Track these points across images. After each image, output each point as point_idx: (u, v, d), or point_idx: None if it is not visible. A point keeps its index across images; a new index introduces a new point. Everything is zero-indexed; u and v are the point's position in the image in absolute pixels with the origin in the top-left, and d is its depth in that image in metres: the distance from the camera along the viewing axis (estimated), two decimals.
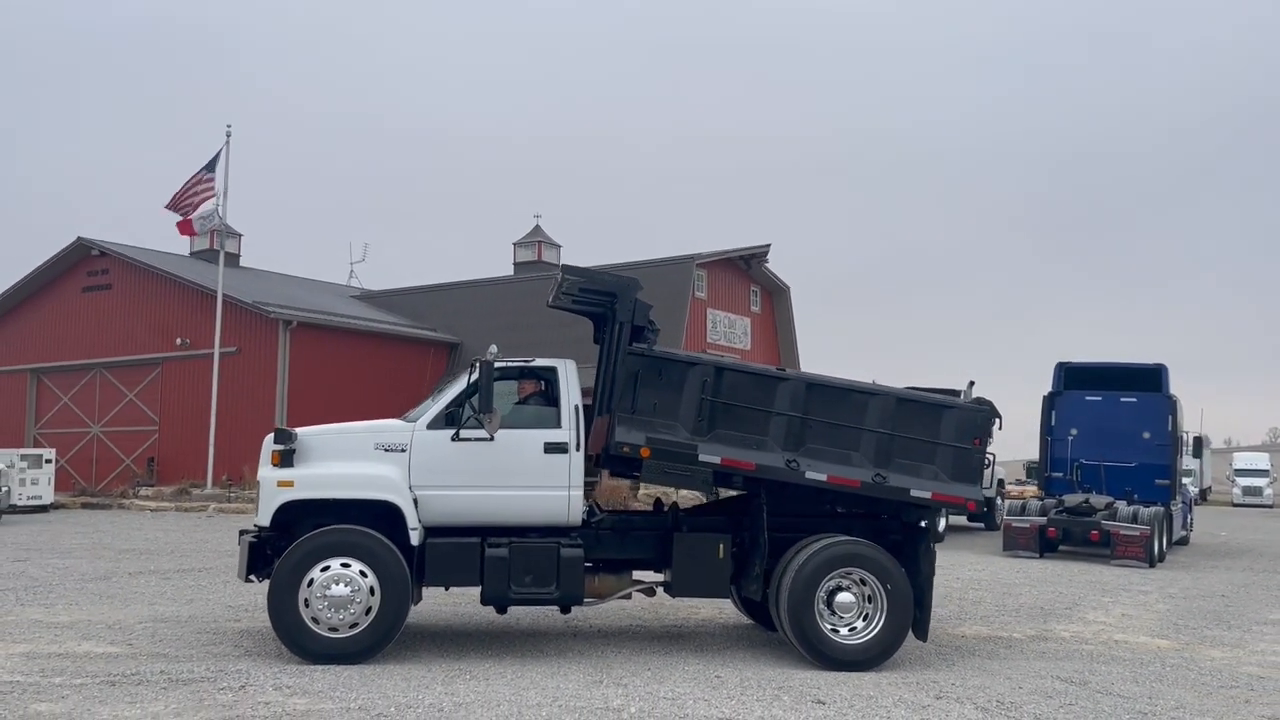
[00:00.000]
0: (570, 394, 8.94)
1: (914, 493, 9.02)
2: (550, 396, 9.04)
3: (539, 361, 9.18)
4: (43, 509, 26.28)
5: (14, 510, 24.64)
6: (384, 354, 33.68)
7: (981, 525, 24.83)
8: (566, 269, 9.22)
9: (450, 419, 8.71)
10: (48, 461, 26.84)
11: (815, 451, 8.97)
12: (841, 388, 9.38)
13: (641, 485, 29.14)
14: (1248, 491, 52.20)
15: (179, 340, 32.95)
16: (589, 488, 9.37)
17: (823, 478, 8.91)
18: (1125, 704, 7.66)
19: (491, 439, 8.56)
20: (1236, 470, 55.31)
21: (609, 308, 9.10)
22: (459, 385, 8.86)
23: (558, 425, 8.83)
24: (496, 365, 8.83)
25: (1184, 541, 22.86)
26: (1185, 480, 47.40)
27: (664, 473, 8.87)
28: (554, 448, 8.74)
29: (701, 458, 8.79)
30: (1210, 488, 57.71)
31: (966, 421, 9.27)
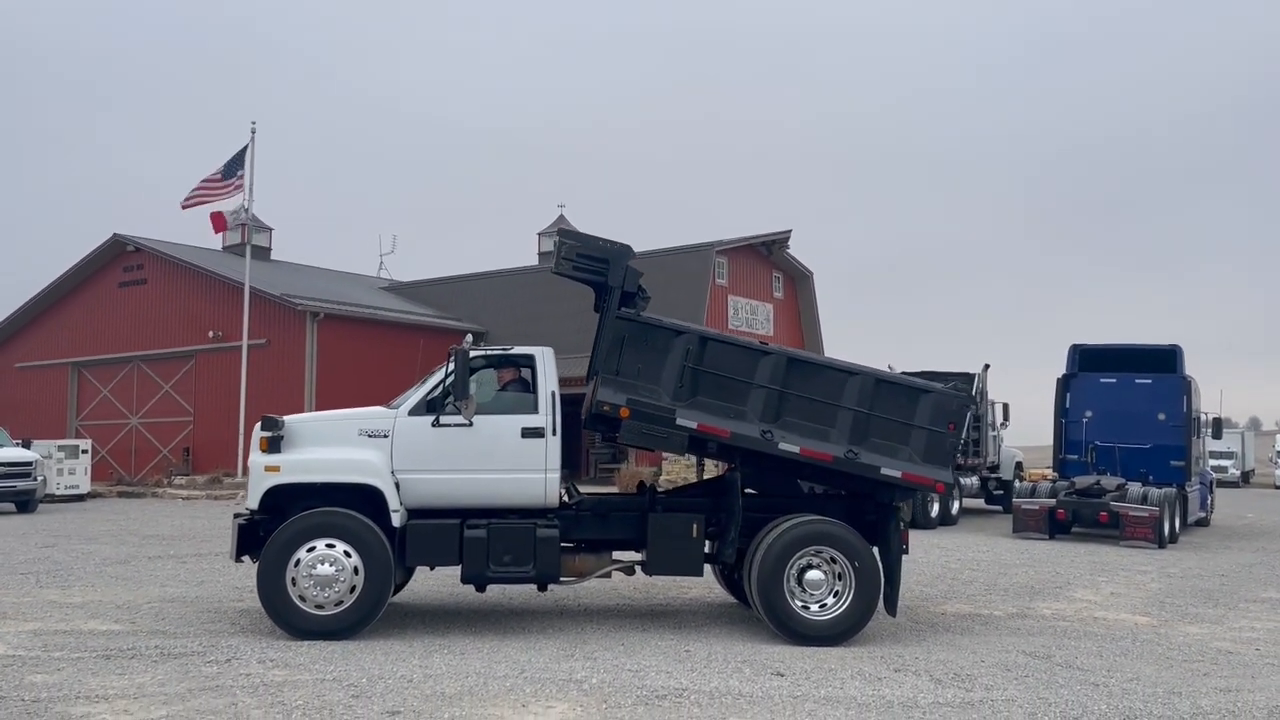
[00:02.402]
0: (547, 381, 9.24)
1: (884, 471, 9.23)
2: (528, 383, 9.35)
3: (517, 350, 9.51)
4: (79, 498, 27.17)
5: (51, 499, 25.53)
6: (410, 343, 34.21)
7: (1000, 508, 24.83)
8: (563, 233, 9.46)
9: (431, 406, 9.05)
10: (84, 452, 27.71)
11: (791, 425, 9.21)
12: (821, 365, 9.65)
13: (663, 472, 29.45)
14: None
15: (212, 333, 33.77)
16: (611, 473, 9.70)
17: (796, 450, 9.14)
18: (1081, 676, 7.84)
19: (469, 424, 8.89)
20: (1279, 452, 54.44)
21: (603, 274, 9.33)
22: (439, 374, 9.20)
23: (535, 411, 9.15)
24: (476, 354, 9.20)
25: (1203, 523, 22.74)
26: (1225, 462, 47.12)
27: (641, 434, 9.13)
28: (531, 432, 9.06)
29: (679, 421, 9.06)
30: (1253, 470, 56.90)
31: (942, 406, 9.46)
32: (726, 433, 9.11)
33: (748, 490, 9.63)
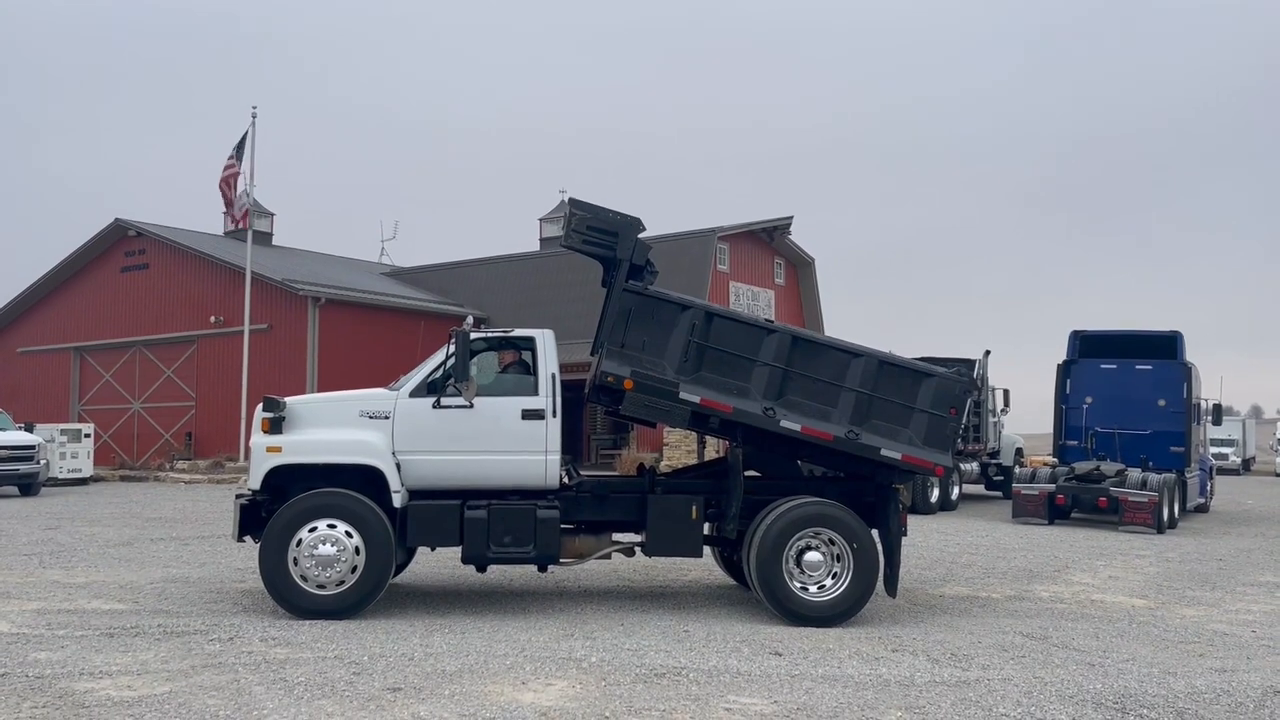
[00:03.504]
0: (547, 363, 9.27)
1: (884, 452, 9.26)
2: (529, 366, 9.39)
3: (517, 332, 9.54)
4: (82, 481, 27.26)
5: (54, 483, 25.62)
6: (411, 328, 34.22)
7: (999, 493, 24.89)
8: (574, 203, 9.34)
9: (431, 387, 9.09)
10: (86, 436, 27.78)
11: (793, 403, 9.24)
12: (825, 345, 9.65)
13: (664, 457, 29.51)
14: None
15: (213, 318, 33.78)
16: (612, 458, 9.69)
17: (797, 428, 9.17)
18: (1077, 656, 7.89)
19: (470, 406, 8.93)
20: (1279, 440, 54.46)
21: (612, 247, 9.27)
22: (440, 355, 9.24)
23: (535, 393, 9.18)
24: (476, 336, 9.24)
25: (1203, 509, 22.79)
26: (1225, 450, 47.11)
27: (644, 406, 9.13)
28: (531, 414, 9.09)
29: (682, 395, 9.07)
30: (1254, 458, 56.93)
31: (945, 390, 9.47)
32: (729, 408, 9.14)
33: (748, 472, 9.66)
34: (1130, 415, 20.53)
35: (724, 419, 9.27)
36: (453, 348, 8.90)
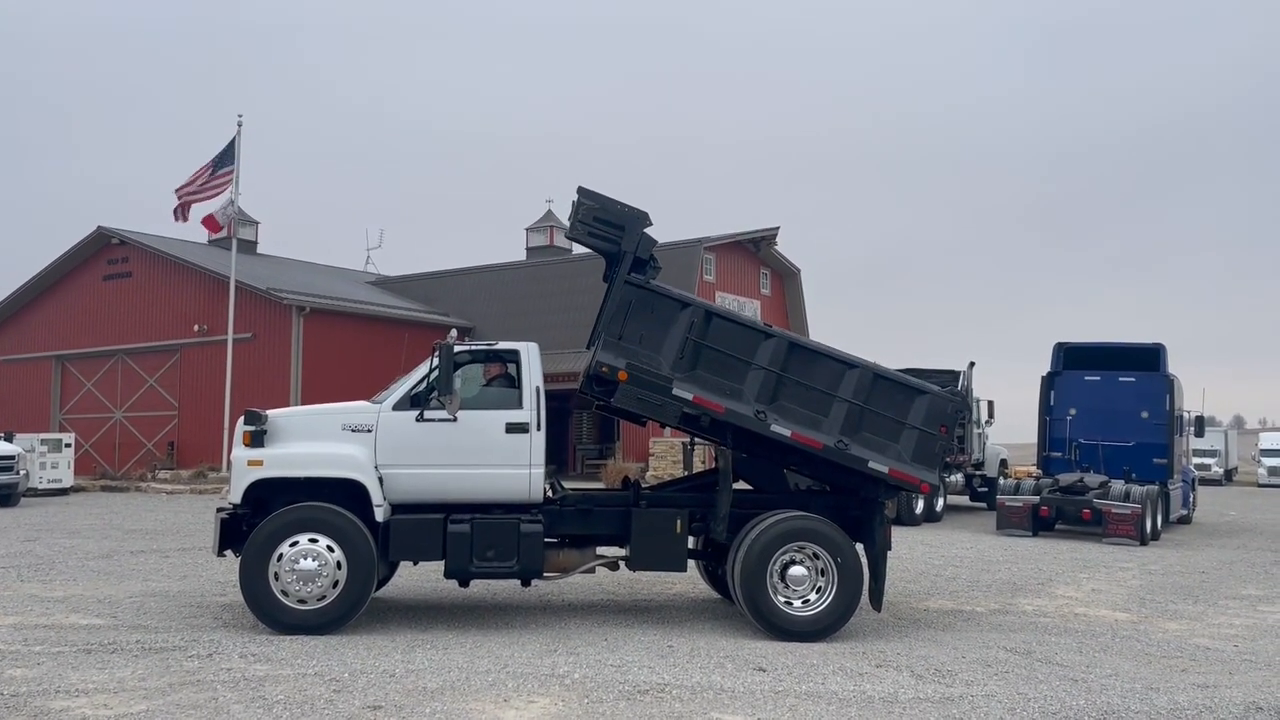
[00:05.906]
0: (532, 376, 9.23)
1: (872, 465, 9.24)
2: (513, 379, 9.35)
3: (502, 345, 9.51)
4: (62, 492, 26.99)
5: (34, 493, 25.37)
6: (397, 338, 34.08)
7: (984, 505, 24.92)
8: (582, 192, 9.24)
9: (415, 400, 9.04)
10: (67, 446, 27.52)
11: (785, 409, 9.22)
12: (821, 353, 9.61)
13: (650, 468, 29.48)
14: (1273, 472, 51.49)
15: (197, 327, 33.59)
16: (598, 468, 9.64)
17: (787, 433, 9.15)
18: (1060, 671, 7.89)
19: (453, 419, 8.88)
20: (1262, 451, 54.65)
21: (617, 241, 9.20)
22: (424, 368, 9.19)
23: (519, 406, 9.14)
24: (460, 349, 9.20)
25: (1185, 520, 22.90)
26: (1208, 460, 47.30)
27: (637, 399, 9.09)
28: (515, 428, 9.05)
29: (675, 392, 9.04)
30: (1236, 468, 57.19)
31: (937, 408, 9.46)
32: (721, 408, 9.10)
33: (735, 484, 9.64)
34: (1113, 427, 20.64)
35: (715, 419, 9.24)
36: (436, 360, 8.86)
